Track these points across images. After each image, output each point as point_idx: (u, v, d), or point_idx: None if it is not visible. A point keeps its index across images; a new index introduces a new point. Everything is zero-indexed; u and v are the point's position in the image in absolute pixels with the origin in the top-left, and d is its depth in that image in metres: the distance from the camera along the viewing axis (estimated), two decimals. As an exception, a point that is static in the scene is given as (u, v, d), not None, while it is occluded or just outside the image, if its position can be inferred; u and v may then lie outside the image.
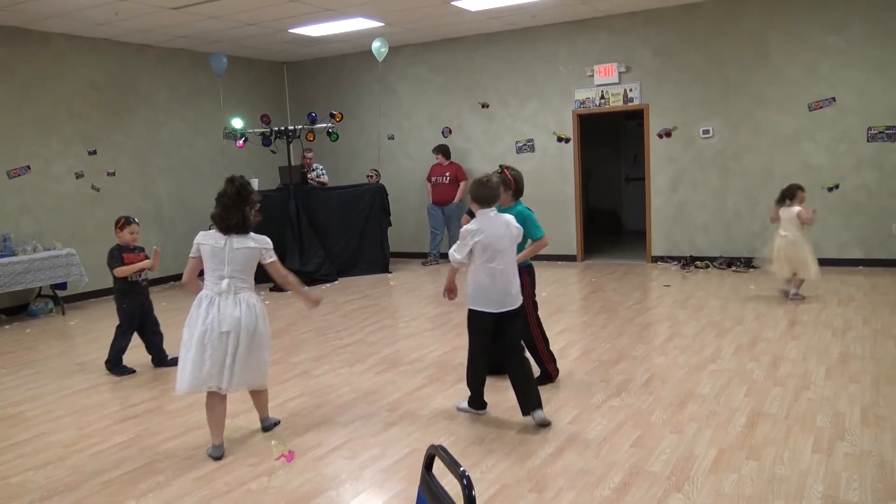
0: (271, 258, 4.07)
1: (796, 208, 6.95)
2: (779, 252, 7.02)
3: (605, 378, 4.97)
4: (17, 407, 5.06)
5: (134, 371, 5.76)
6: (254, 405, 4.36)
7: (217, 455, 3.99)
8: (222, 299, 3.93)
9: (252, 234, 4.03)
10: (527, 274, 4.74)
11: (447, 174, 10.51)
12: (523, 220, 4.53)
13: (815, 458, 3.54)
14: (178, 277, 9.97)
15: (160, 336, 5.93)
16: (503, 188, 4.44)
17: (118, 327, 5.80)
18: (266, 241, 4.08)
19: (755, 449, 3.69)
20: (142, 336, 5.89)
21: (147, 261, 5.76)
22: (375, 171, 10.96)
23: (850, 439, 3.74)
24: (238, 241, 3.97)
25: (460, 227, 4.43)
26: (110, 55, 9.59)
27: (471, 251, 4.18)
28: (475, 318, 4.25)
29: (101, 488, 3.64)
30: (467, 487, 1.49)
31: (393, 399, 4.78)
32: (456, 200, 10.45)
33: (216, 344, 3.88)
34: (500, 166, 4.77)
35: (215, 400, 4.01)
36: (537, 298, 5.06)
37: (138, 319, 5.82)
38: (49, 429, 4.57)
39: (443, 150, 10.63)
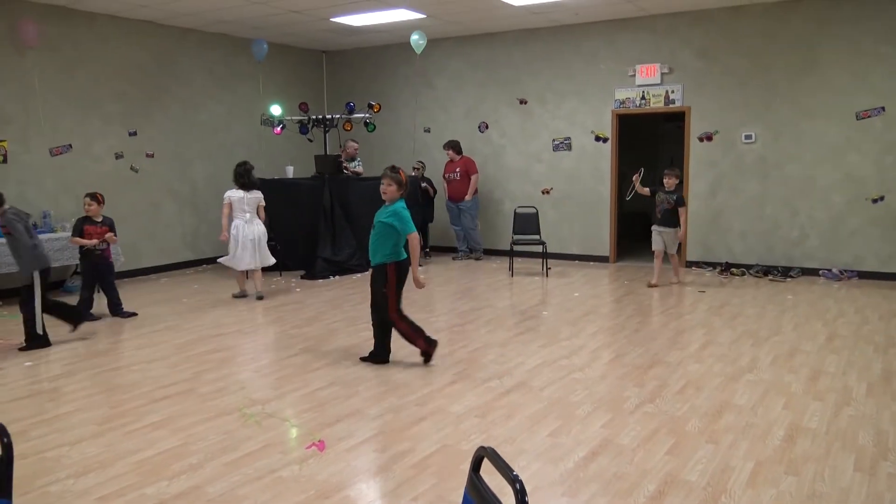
0: (263, 203, 7.99)
1: None
2: None
3: (639, 383, 4.90)
4: (53, 382, 5.13)
5: (134, 314, 7.22)
6: (254, 280, 8.03)
7: (241, 294, 8.10)
8: (247, 224, 7.83)
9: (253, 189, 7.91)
10: (394, 270, 5.33)
11: (458, 170, 10.40)
12: (398, 216, 5.23)
13: (856, 477, 3.44)
14: (212, 261, 10.09)
15: (115, 293, 7.24)
16: (396, 185, 5.25)
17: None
18: (261, 194, 7.97)
19: (794, 464, 3.60)
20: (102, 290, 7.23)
21: (90, 240, 6.95)
22: (421, 163, 10.93)
23: (894, 459, 3.63)
24: (250, 194, 7.88)
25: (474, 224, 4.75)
26: (153, 38, 9.67)
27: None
28: None
29: (133, 467, 3.66)
30: (520, 493, 1.45)
31: (423, 394, 4.76)
32: (468, 196, 10.36)
33: (249, 245, 7.80)
34: (394, 166, 5.40)
35: (242, 274, 8.08)
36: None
37: (95, 278, 7.12)
38: (83, 405, 4.62)
39: (453, 146, 10.45)
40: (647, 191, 8.37)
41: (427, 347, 5.44)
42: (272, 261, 8.11)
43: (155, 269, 9.79)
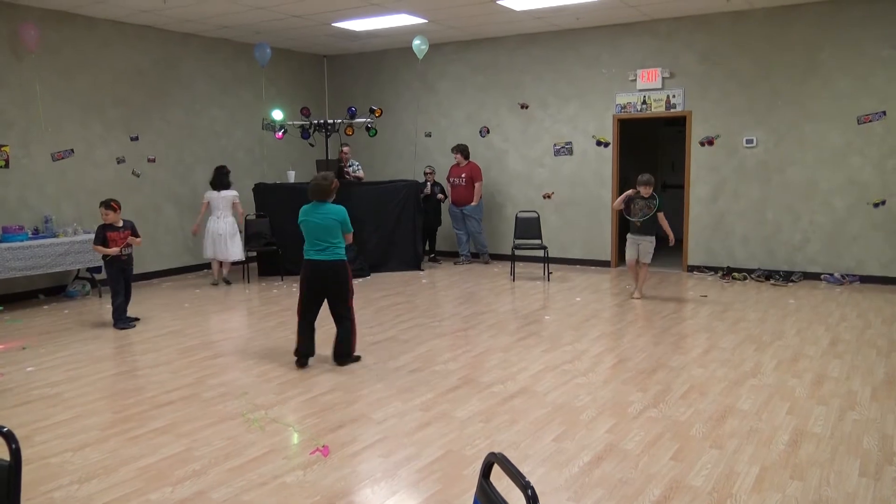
0: (238, 201, 9.17)
1: None
2: None
3: (643, 388, 4.90)
4: (56, 387, 5.12)
5: (137, 319, 7.17)
6: (221, 269, 9.28)
7: (215, 282, 9.22)
8: (218, 220, 9.04)
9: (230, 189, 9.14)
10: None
11: (463, 175, 10.38)
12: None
13: (862, 482, 3.44)
14: (209, 265, 10.08)
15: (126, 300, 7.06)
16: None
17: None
18: (235, 192, 9.17)
19: (799, 469, 3.59)
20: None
21: (114, 248, 6.84)
22: (431, 167, 10.89)
23: (899, 464, 3.63)
24: (224, 193, 9.09)
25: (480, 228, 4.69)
26: (154, 42, 9.68)
27: None
28: None
29: (137, 473, 3.66)
30: (532, 500, 1.45)
31: (427, 398, 4.75)
32: (474, 202, 10.36)
33: (217, 239, 9.02)
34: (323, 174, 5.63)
35: (217, 263, 9.20)
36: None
37: (121, 281, 6.98)
38: (86, 411, 4.62)
39: (461, 150, 10.39)
40: (621, 207, 7.95)
41: (296, 353, 5.67)
42: (235, 257, 9.17)
43: (157, 274, 9.79)
